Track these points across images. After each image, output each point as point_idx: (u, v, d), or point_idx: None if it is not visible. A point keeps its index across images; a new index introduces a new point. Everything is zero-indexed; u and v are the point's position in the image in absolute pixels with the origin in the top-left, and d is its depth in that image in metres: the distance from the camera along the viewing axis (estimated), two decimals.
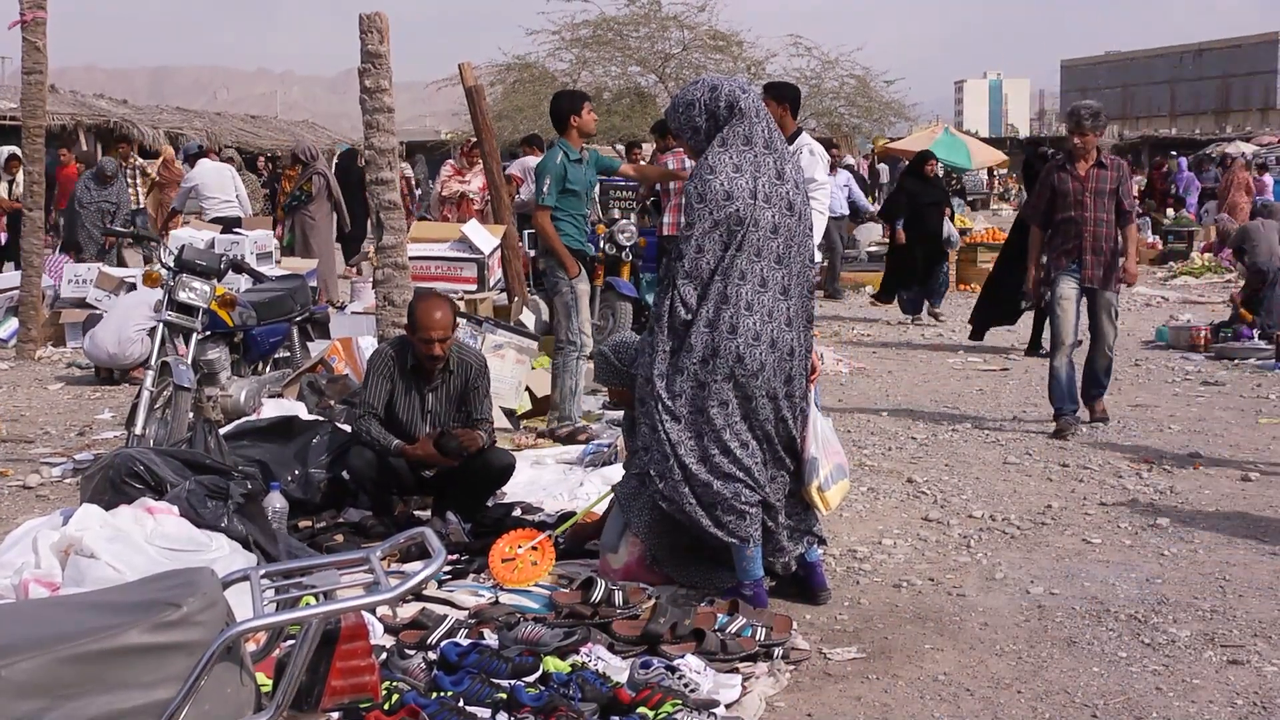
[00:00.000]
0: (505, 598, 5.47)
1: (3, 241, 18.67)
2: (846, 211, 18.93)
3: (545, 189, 8.64)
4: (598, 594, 5.21)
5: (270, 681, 2.97)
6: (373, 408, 6.54)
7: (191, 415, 7.71)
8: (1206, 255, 21.51)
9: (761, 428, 5.30)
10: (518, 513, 6.66)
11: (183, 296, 8.11)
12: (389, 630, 5.08)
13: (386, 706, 4.13)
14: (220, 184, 16.32)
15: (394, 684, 4.36)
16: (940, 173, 16.73)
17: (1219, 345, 12.77)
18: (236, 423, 7.53)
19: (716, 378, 5.22)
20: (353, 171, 19.24)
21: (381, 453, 6.45)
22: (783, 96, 8.16)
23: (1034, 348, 12.83)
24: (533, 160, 17.22)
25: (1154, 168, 31.53)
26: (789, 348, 5.28)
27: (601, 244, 11.84)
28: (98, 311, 13.56)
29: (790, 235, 5.27)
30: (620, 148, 23.64)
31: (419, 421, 6.61)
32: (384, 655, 4.59)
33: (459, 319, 6.90)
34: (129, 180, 17.54)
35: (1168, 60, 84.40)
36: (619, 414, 9.33)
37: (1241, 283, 14.56)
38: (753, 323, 5.21)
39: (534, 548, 5.67)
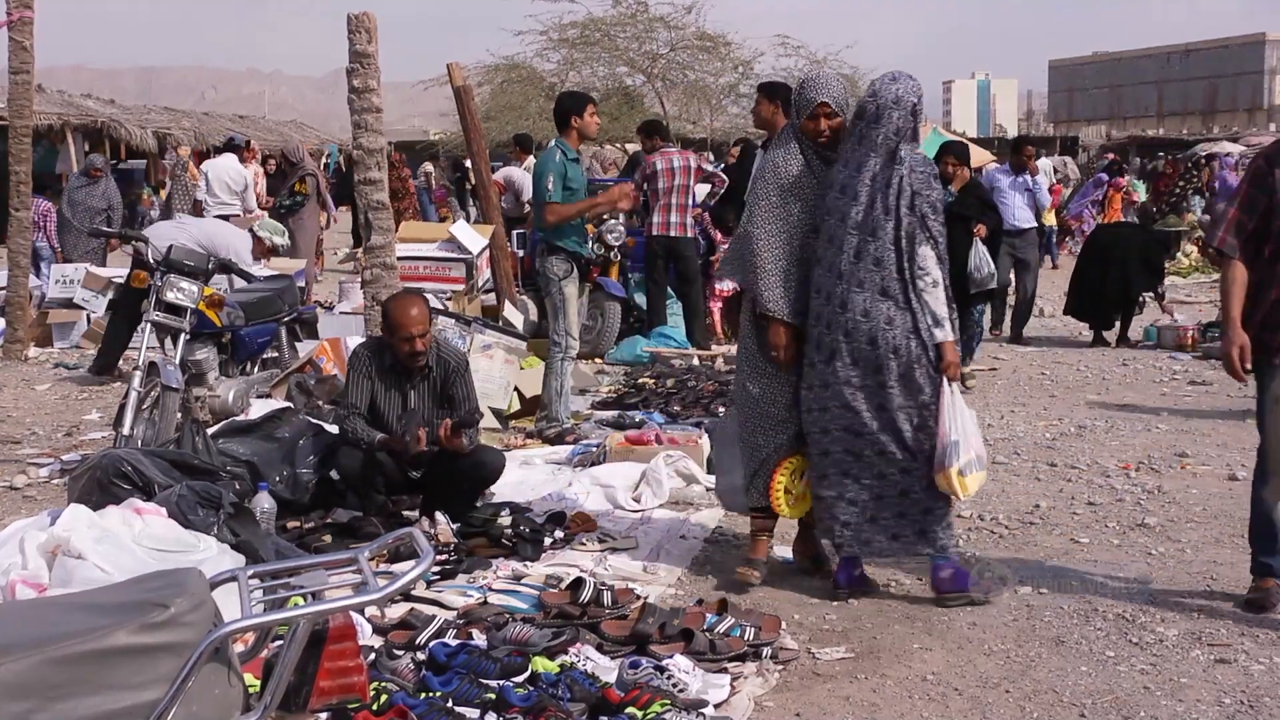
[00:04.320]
0: (494, 598, 5.47)
1: None
2: None
3: (549, 185, 8.56)
4: (586, 594, 5.21)
5: (258, 682, 2.96)
6: (356, 407, 6.55)
7: (179, 416, 7.70)
8: (1194, 255, 21.54)
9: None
10: (506, 513, 6.65)
11: (170, 297, 8.09)
12: (377, 631, 5.07)
13: (375, 707, 4.12)
14: (225, 183, 16.31)
15: (382, 684, 4.35)
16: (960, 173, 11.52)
17: (1206, 345, 12.78)
18: (224, 422, 7.51)
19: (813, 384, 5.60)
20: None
21: (366, 448, 6.45)
22: (774, 95, 8.19)
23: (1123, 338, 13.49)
24: (517, 170, 17.24)
25: (1170, 166, 27.70)
26: (869, 337, 5.41)
27: (590, 244, 11.84)
28: (86, 311, 13.57)
29: (846, 224, 5.46)
30: (630, 147, 23.61)
31: (399, 419, 6.61)
32: (372, 656, 4.59)
33: (448, 317, 6.87)
34: None
35: (1155, 60, 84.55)
36: (607, 414, 9.35)
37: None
38: (814, 304, 5.58)
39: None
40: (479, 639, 4.91)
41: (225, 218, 15.87)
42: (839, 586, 5.67)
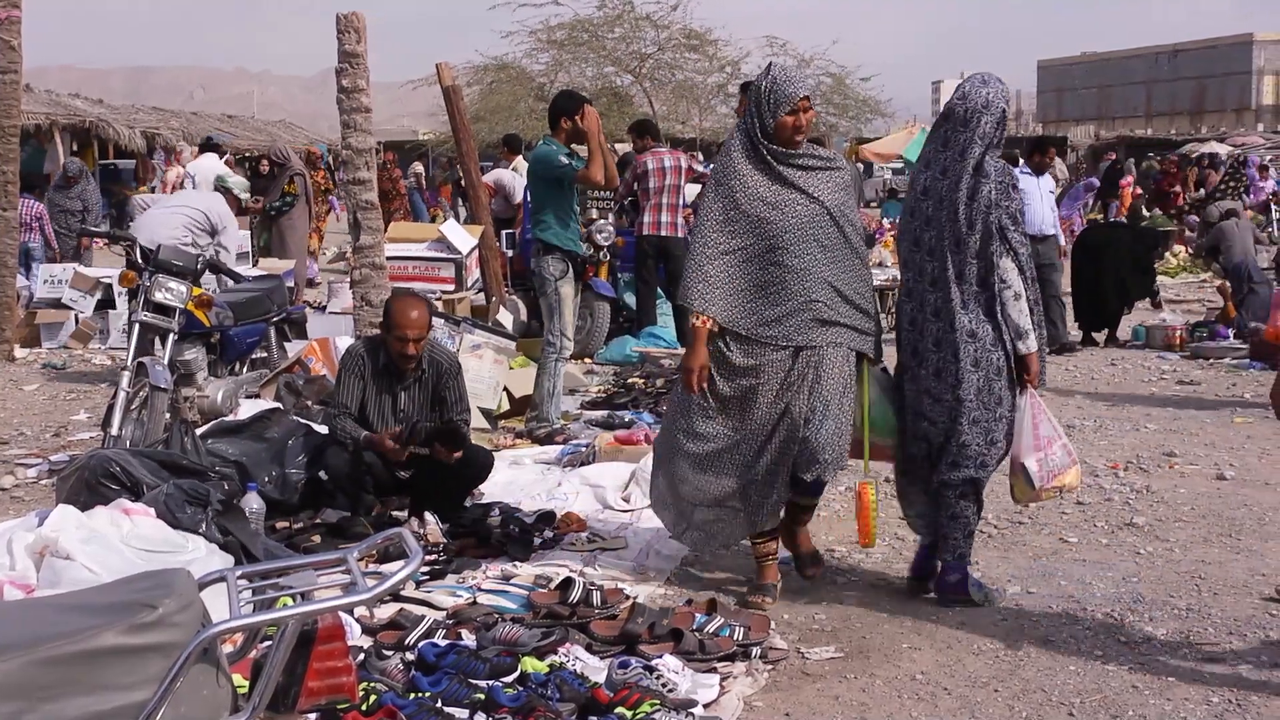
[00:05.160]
0: (483, 598, 5.47)
1: None
2: None
3: (565, 160, 8.52)
4: (576, 594, 5.21)
5: (247, 683, 2.96)
6: (346, 407, 6.55)
7: (168, 416, 7.69)
8: (1183, 255, 21.58)
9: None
10: (495, 513, 6.65)
11: (159, 297, 8.07)
12: (367, 631, 5.07)
13: (364, 707, 4.12)
14: (210, 184, 16.25)
15: (372, 685, 4.35)
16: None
17: (1194, 345, 12.82)
18: (213, 423, 7.50)
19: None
20: None
21: (352, 446, 6.45)
22: None
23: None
24: (507, 173, 17.21)
25: (1169, 168, 27.28)
26: (953, 349, 5.41)
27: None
28: (74, 311, 13.54)
29: (933, 230, 5.44)
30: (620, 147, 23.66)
31: (390, 421, 6.62)
32: (361, 656, 4.59)
33: (437, 317, 6.85)
34: None
35: (1144, 61, 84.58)
36: (596, 414, 9.35)
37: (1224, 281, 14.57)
38: (908, 309, 5.58)
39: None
40: (468, 639, 4.90)
41: None
42: (940, 591, 5.66)
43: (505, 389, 9.50)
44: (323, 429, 7.09)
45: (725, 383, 5.47)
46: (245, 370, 9.25)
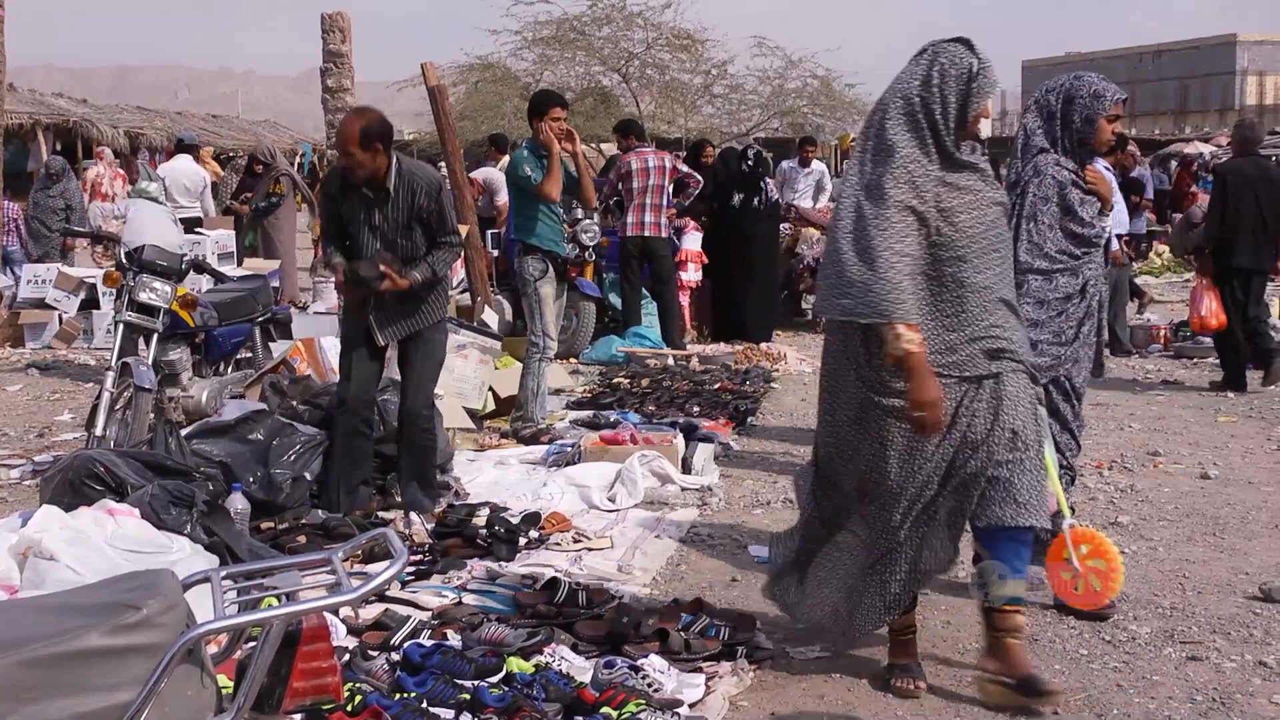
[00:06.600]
0: (468, 598, 5.46)
1: None
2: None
3: (528, 172, 8.49)
4: (561, 594, 5.22)
5: (231, 683, 2.96)
6: (330, 231, 6.87)
7: (152, 416, 7.67)
8: (1166, 254, 21.63)
9: None
10: (482, 513, 6.64)
11: (143, 297, 8.04)
12: (352, 631, 5.06)
13: (349, 708, 4.12)
14: (183, 185, 16.18)
15: (357, 685, 4.34)
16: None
17: (1178, 344, 12.87)
18: (198, 423, 7.48)
19: None
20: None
21: (331, 270, 6.88)
22: None
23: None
24: (495, 170, 17.19)
25: (1183, 167, 27.10)
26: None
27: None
28: (58, 311, 13.50)
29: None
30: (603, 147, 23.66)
31: (368, 238, 6.75)
32: (347, 656, 4.58)
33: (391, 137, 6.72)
34: None
35: (1127, 61, 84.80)
36: (582, 414, 9.34)
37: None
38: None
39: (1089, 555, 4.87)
40: (454, 639, 4.90)
41: (188, 220, 15.72)
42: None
43: (490, 389, 9.49)
44: (307, 429, 7.09)
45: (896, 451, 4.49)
46: (230, 370, 9.23)
